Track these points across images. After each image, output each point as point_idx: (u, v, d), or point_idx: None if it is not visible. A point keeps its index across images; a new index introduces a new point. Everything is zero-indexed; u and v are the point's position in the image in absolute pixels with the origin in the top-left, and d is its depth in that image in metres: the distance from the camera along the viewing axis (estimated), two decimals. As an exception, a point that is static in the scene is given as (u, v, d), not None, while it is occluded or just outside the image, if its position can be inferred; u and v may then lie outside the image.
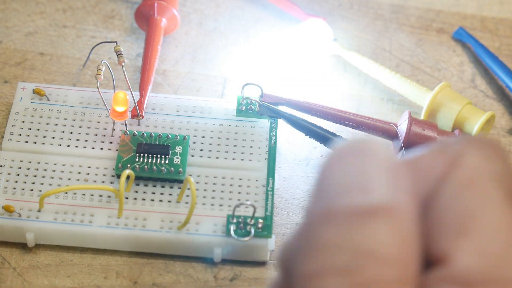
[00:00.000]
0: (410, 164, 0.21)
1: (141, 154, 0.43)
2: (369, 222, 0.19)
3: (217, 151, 0.44)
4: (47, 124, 0.44)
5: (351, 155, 0.20)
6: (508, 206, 0.21)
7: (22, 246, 0.41)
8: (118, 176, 0.42)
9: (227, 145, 0.44)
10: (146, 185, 0.42)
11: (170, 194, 0.42)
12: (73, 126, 0.44)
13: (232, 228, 0.40)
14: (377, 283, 0.19)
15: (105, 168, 0.43)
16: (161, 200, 0.42)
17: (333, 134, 0.44)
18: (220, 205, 0.42)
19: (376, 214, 0.19)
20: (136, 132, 0.44)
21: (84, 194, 0.42)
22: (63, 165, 0.43)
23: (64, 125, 0.44)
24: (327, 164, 0.20)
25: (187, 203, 0.42)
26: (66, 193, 0.41)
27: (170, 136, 0.44)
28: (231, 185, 0.43)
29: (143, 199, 0.42)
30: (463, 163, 0.21)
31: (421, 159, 0.22)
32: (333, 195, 0.20)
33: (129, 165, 0.42)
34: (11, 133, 0.44)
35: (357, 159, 0.20)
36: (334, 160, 0.20)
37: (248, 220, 0.41)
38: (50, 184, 0.42)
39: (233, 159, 0.44)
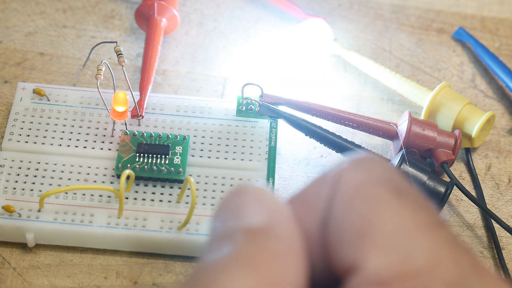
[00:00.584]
0: (297, 199, 0.23)
1: (141, 154, 0.43)
2: (232, 241, 0.21)
3: (217, 151, 0.44)
4: (47, 124, 0.44)
5: (233, 195, 0.23)
6: (398, 202, 0.21)
7: (22, 246, 0.41)
8: (118, 176, 0.42)
9: (227, 145, 0.44)
10: (146, 185, 0.42)
11: (170, 194, 0.42)
12: (73, 126, 0.44)
13: (232, 228, 0.40)
14: None
15: (105, 168, 0.43)
16: (161, 200, 0.42)
17: (333, 134, 0.44)
18: (220, 205, 0.42)
19: (240, 234, 0.22)
20: (136, 132, 0.44)
21: (84, 194, 0.42)
22: (63, 165, 0.43)
23: (64, 125, 0.44)
24: (216, 207, 0.23)
25: (187, 203, 0.42)
26: (66, 193, 0.41)
27: (170, 136, 0.44)
28: (231, 185, 0.43)
29: (143, 199, 0.42)
30: (343, 181, 0.22)
31: (305, 193, 0.23)
32: (214, 228, 0.22)
33: (129, 165, 0.42)
34: (11, 133, 0.44)
35: (235, 197, 0.23)
36: (221, 202, 0.23)
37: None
38: (50, 184, 0.42)
39: (233, 159, 0.44)
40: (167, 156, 0.43)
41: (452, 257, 0.21)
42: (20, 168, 0.42)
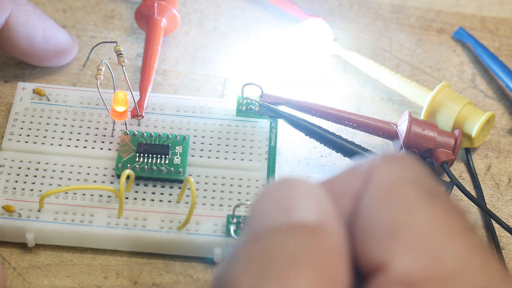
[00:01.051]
0: (329, 186, 0.23)
1: (141, 154, 0.43)
2: (291, 237, 0.21)
3: (217, 151, 0.44)
4: (47, 124, 0.44)
5: (279, 188, 0.22)
6: (430, 204, 0.21)
7: (22, 246, 0.41)
8: (118, 176, 0.42)
9: (227, 145, 0.44)
10: (146, 185, 0.42)
11: (170, 194, 0.42)
12: (73, 126, 0.44)
13: (232, 228, 0.40)
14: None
15: (105, 168, 0.43)
16: (161, 200, 0.42)
17: (333, 134, 0.44)
18: (220, 205, 0.42)
19: (298, 231, 0.21)
20: (136, 132, 0.44)
21: (84, 194, 0.42)
22: (63, 165, 0.43)
23: (64, 125, 0.44)
24: (260, 195, 0.22)
25: (187, 203, 0.42)
26: (66, 193, 0.41)
27: (170, 136, 0.44)
28: (231, 185, 0.43)
29: (143, 199, 0.42)
30: (376, 178, 0.22)
31: (335, 182, 0.23)
32: (262, 218, 0.22)
33: (129, 165, 0.42)
34: (11, 133, 0.44)
35: (284, 190, 0.22)
36: (265, 191, 0.22)
37: (248, 220, 0.41)
38: (50, 184, 0.42)
39: (233, 159, 0.44)
40: (167, 156, 0.43)
41: (481, 263, 0.20)
42: (20, 168, 0.42)
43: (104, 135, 0.44)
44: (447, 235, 0.21)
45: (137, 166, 0.42)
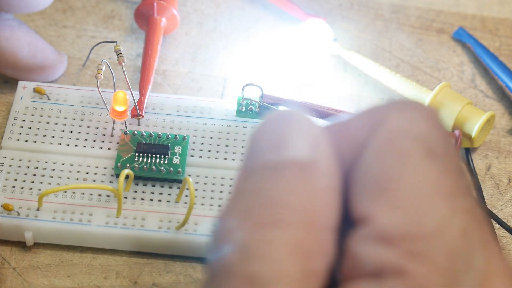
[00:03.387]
0: (336, 129, 0.22)
1: (141, 154, 0.43)
2: (280, 175, 0.21)
3: (217, 152, 0.44)
4: (47, 123, 0.44)
5: (274, 122, 0.22)
6: (426, 162, 0.21)
7: (22, 246, 0.41)
8: (117, 176, 0.42)
9: (226, 146, 0.44)
10: (145, 185, 0.42)
11: (169, 194, 0.42)
12: (73, 125, 0.44)
13: (231, 227, 0.40)
14: (278, 226, 0.20)
15: (105, 168, 0.43)
16: (160, 200, 0.42)
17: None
18: (219, 206, 0.42)
19: (288, 168, 0.21)
20: (135, 132, 0.44)
21: (83, 193, 0.42)
22: (63, 164, 0.43)
23: (64, 124, 0.44)
24: (255, 130, 0.22)
25: (186, 203, 0.42)
26: (65, 192, 0.41)
27: (169, 136, 0.44)
28: (230, 186, 0.43)
29: (142, 199, 0.42)
30: (384, 126, 0.22)
31: (347, 123, 0.23)
32: (255, 153, 0.22)
33: (128, 165, 0.42)
34: (11, 131, 0.44)
35: (279, 125, 0.21)
36: (261, 126, 0.22)
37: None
38: (50, 183, 0.42)
39: (233, 159, 0.44)
40: (167, 156, 0.43)
41: (462, 227, 0.20)
42: (19, 166, 0.42)
43: (104, 135, 0.44)
44: (435, 196, 0.21)
45: (136, 165, 0.42)
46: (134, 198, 0.42)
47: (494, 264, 0.20)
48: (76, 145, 0.44)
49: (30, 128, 0.44)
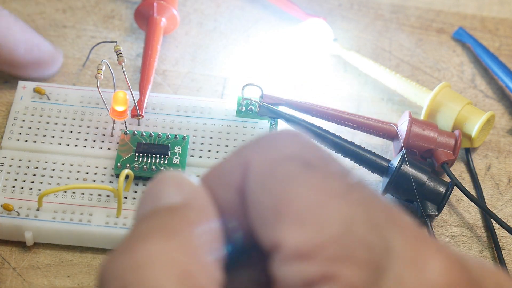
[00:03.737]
0: (209, 177, 0.24)
1: (141, 154, 0.43)
2: (155, 219, 0.22)
3: (217, 152, 0.44)
4: (47, 123, 0.44)
5: (152, 184, 0.23)
6: (307, 174, 0.22)
7: (22, 246, 0.41)
8: (117, 176, 0.42)
9: (226, 146, 0.44)
10: (145, 185, 0.42)
11: (169, 194, 0.42)
12: (73, 125, 0.44)
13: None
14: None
15: (105, 168, 0.43)
16: (160, 200, 0.42)
17: (333, 135, 0.44)
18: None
19: (162, 213, 0.22)
20: (135, 132, 0.44)
21: (83, 193, 0.42)
22: (63, 164, 0.43)
23: (64, 124, 0.44)
24: (142, 195, 0.24)
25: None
26: (65, 192, 0.41)
27: (169, 136, 0.44)
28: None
29: (142, 199, 0.42)
30: (253, 162, 0.23)
31: (214, 176, 0.24)
32: (137, 212, 0.23)
33: (128, 165, 0.42)
34: (11, 131, 0.44)
35: (155, 185, 0.23)
36: (144, 192, 0.24)
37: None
38: (49, 183, 0.42)
39: (233, 159, 0.44)
40: (167, 156, 0.43)
41: (365, 217, 0.21)
42: (19, 166, 0.42)
43: (104, 135, 0.44)
44: (327, 200, 0.21)
45: (136, 165, 0.42)
46: (134, 198, 0.42)
47: (412, 238, 0.21)
48: (76, 145, 0.43)
49: (30, 128, 0.44)
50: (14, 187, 0.42)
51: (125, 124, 0.44)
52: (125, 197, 0.42)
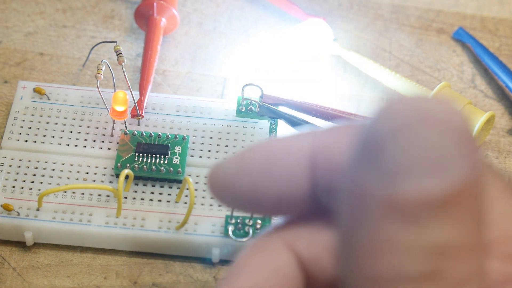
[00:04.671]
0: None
1: (141, 154, 0.43)
2: (447, 213, 0.15)
3: (217, 152, 0.44)
4: (47, 123, 0.44)
5: (417, 122, 0.15)
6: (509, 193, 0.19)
7: (22, 246, 0.41)
8: (117, 176, 0.42)
9: (226, 146, 0.44)
10: (145, 185, 0.42)
11: (169, 194, 0.42)
12: (73, 125, 0.44)
13: (231, 228, 0.40)
14: (460, 284, 0.15)
15: (105, 168, 0.43)
16: (159, 200, 0.42)
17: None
18: (219, 206, 0.42)
19: (455, 202, 0.15)
20: (135, 132, 0.44)
21: (83, 193, 0.42)
22: (63, 164, 0.43)
23: (64, 124, 0.44)
24: (386, 127, 0.15)
25: (185, 203, 0.42)
26: (65, 192, 0.41)
27: (169, 136, 0.44)
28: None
29: (142, 199, 0.42)
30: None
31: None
32: (397, 174, 0.15)
33: (128, 165, 0.42)
34: (11, 131, 0.44)
35: (425, 128, 0.15)
36: (395, 124, 0.15)
37: (247, 220, 0.41)
38: (49, 183, 0.42)
39: (233, 159, 0.44)
40: (166, 156, 0.43)
41: None
42: (19, 166, 0.42)
43: (104, 135, 0.44)
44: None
45: (136, 165, 0.42)
46: (134, 198, 0.42)
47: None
48: (76, 145, 0.44)
49: (30, 128, 0.44)
50: (14, 187, 0.42)
51: (125, 124, 0.44)
52: (125, 197, 0.42)
